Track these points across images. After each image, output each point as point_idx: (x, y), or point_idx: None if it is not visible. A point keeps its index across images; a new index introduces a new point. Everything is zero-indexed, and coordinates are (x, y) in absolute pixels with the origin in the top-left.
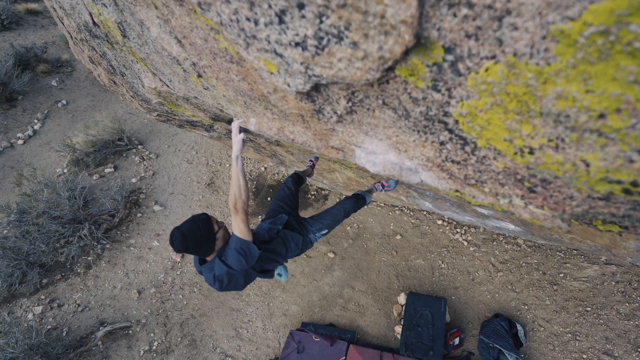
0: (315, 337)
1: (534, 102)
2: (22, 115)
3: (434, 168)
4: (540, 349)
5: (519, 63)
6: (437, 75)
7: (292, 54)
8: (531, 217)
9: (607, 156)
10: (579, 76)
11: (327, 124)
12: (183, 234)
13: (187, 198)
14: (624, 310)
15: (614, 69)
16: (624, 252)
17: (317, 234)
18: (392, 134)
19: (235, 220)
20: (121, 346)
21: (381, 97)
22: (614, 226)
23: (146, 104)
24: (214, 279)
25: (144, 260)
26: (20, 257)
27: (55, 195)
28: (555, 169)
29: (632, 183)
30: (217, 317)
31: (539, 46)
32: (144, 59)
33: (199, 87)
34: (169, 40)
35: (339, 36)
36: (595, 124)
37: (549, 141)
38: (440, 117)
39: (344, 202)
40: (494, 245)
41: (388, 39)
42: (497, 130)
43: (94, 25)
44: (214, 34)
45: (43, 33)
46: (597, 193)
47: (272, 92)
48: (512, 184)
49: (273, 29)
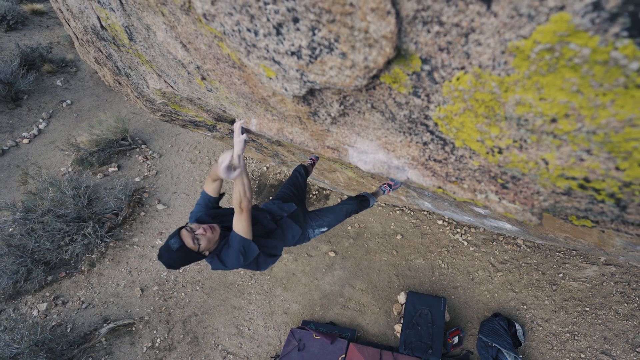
0: (316, 335)
1: (499, 108)
2: (28, 114)
3: (418, 166)
4: (539, 348)
5: (484, 74)
6: (416, 83)
7: (289, 62)
8: (505, 211)
9: (562, 155)
10: (533, 86)
11: (322, 125)
12: (167, 263)
13: (190, 197)
14: (623, 311)
15: (560, 80)
16: (612, 249)
17: (316, 230)
18: (381, 135)
19: (240, 219)
20: (124, 343)
21: (370, 101)
22: (587, 221)
23: (150, 104)
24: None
25: (147, 258)
26: (25, 255)
27: (60, 193)
28: (522, 166)
29: (585, 179)
30: (219, 314)
31: (500, 59)
32: (149, 61)
33: (203, 89)
34: (174, 44)
35: (330, 47)
36: (549, 127)
37: (514, 142)
38: (422, 120)
39: (347, 202)
40: (494, 246)
41: (372, 51)
42: (470, 132)
43: (102, 29)
44: (218, 41)
45: (48, 33)
46: (559, 188)
47: (271, 95)
48: (487, 181)
49: (271, 39)
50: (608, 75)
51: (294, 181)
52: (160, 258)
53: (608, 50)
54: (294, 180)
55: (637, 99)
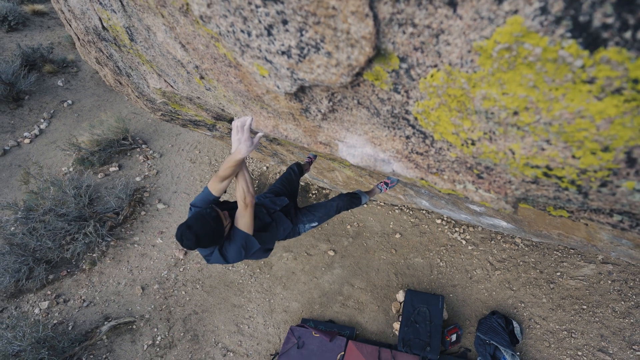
0: (315, 332)
1: (469, 102)
2: (29, 114)
3: (402, 159)
4: (536, 345)
5: (454, 71)
6: (396, 80)
7: (280, 61)
8: (481, 200)
9: (526, 145)
10: (497, 82)
11: (314, 121)
12: (196, 235)
13: (190, 197)
14: (620, 309)
15: (519, 76)
16: (601, 244)
17: (306, 225)
18: (368, 130)
19: (244, 215)
20: (125, 340)
21: (356, 97)
22: (563, 211)
23: (151, 103)
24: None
25: (147, 257)
26: (27, 254)
27: (61, 193)
28: (493, 157)
29: (547, 167)
30: (219, 313)
31: (467, 58)
32: (149, 61)
33: (202, 88)
34: (174, 45)
35: (317, 47)
36: (512, 119)
37: (484, 134)
38: (403, 115)
39: (338, 199)
40: (492, 244)
41: (354, 50)
42: (446, 125)
43: (103, 30)
44: (214, 41)
45: (49, 34)
46: (527, 177)
47: (265, 93)
48: (464, 172)
49: (263, 39)
50: (558, 72)
51: (287, 177)
52: (189, 229)
53: (556, 49)
54: (287, 177)
55: (584, 93)
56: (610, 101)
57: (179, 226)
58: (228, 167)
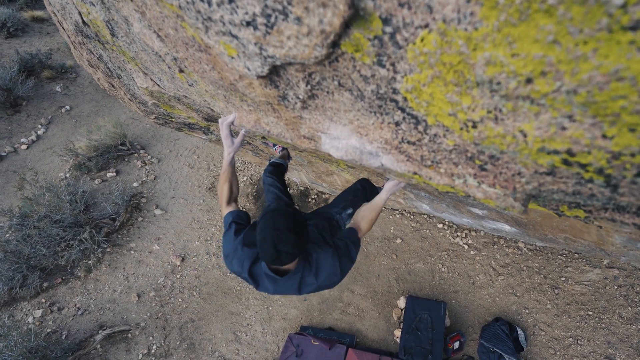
0: (314, 340)
1: (469, 71)
2: (26, 120)
3: (392, 150)
4: (542, 353)
5: (449, 30)
6: (380, 50)
7: (246, 35)
8: (485, 197)
9: (541, 124)
10: (504, 40)
11: (294, 112)
12: (294, 231)
13: (188, 202)
14: (627, 314)
15: (534, 30)
16: (613, 248)
17: (342, 214)
18: (353, 118)
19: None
20: (120, 350)
21: (336, 77)
22: (579, 210)
23: (143, 106)
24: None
25: (144, 263)
26: (21, 261)
27: (56, 199)
28: (499, 142)
29: (568, 152)
30: (216, 320)
31: (465, 10)
32: (134, 58)
33: (185, 84)
34: (150, 35)
35: (284, 12)
36: (525, 90)
37: (488, 112)
38: (390, 95)
39: (359, 180)
40: (495, 249)
41: (327, 11)
42: (441, 105)
43: (84, 25)
44: (180, 21)
45: (48, 40)
46: (541, 167)
47: (238, 79)
48: (464, 163)
49: (224, 8)
50: (589, 18)
51: (273, 196)
52: (279, 230)
53: None
54: (272, 196)
55: (624, 45)
56: None
57: (263, 236)
58: (222, 169)
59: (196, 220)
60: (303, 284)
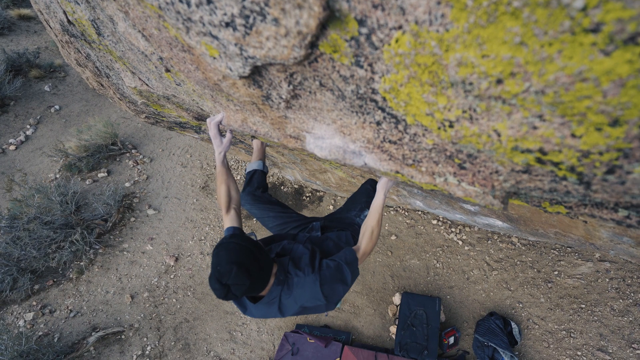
0: (310, 338)
1: (442, 72)
2: (14, 121)
3: (375, 150)
4: (535, 346)
5: (422, 31)
6: (357, 50)
7: (226, 36)
8: (465, 195)
9: (514, 124)
10: (475, 41)
11: (278, 111)
12: (237, 263)
13: (181, 201)
14: (618, 307)
15: (502, 32)
16: (600, 242)
17: (361, 216)
18: (336, 118)
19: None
20: (114, 351)
21: (317, 78)
22: (560, 207)
23: (133, 105)
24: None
25: (137, 264)
26: (11, 263)
27: (46, 200)
28: (475, 141)
29: (540, 150)
30: (211, 320)
31: (436, 12)
32: (121, 57)
33: (173, 84)
34: (135, 35)
35: (262, 13)
36: (496, 90)
37: (463, 112)
38: (370, 95)
39: (367, 181)
40: (489, 244)
41: (302, 13)
42: (418, 105)
43: (69, 24)
44: (162, 21)
45: (36, 38)
46: (517, 166)
47: (221, 79)
48: (444, 162)
49: (203, 9)
50: (552, 20)
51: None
52: (229, 264)
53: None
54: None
55: (586, 47)
56: (621, 55)
57: (210, 273)
58: (216, 170)
59: (190, 219)
60: (283, 307)
